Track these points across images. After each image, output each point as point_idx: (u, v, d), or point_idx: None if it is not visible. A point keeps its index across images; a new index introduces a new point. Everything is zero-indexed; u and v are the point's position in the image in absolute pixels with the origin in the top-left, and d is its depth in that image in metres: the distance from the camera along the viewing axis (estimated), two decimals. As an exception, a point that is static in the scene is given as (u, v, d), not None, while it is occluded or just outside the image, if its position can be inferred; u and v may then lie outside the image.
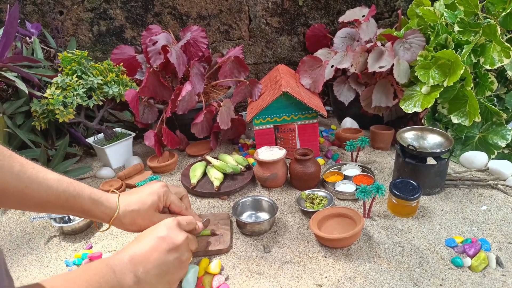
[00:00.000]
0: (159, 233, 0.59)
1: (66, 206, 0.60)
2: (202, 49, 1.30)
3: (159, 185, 0.71)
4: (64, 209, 0.61)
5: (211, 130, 1.28)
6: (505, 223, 0.85)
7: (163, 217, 0.68)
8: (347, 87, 1.31)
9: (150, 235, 0.59)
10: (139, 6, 1.55)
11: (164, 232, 0.59)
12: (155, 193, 0.69)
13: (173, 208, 0.73)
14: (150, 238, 0.58)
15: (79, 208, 0.62)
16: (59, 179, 0.60)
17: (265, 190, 1.07)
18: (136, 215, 0.66)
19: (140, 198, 0.68)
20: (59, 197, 0.59)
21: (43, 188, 0.57)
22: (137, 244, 0.57)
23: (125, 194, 0.68)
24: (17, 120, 1.17)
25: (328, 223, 0.86)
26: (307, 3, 1.55)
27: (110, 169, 1.22)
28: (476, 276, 0.72)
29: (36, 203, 0.58)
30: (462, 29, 1.09)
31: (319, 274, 0.74)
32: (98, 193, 0.64)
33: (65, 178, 0.61)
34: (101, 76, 1.19)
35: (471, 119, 1.06)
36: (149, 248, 0.56)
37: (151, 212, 0.67)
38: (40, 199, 0.57)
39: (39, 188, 0.57)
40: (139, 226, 0.67)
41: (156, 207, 0.68)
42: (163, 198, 0.70)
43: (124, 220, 0.65)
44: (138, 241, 0.58)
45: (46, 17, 1.55)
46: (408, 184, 0.90)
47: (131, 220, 0.66)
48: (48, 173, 0.59)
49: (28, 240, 0.93)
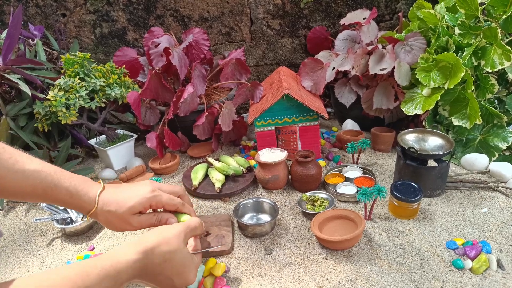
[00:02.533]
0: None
1: (44, 197, 0.59)
2: (204, 51, 1.30)
3: (147, 190, 0.66)
4: (43, 199, 0.60)
5: (213, 132, 1.29)
6: (506, 225, 0.85)
7: (142, 219, 0.66)
8: (348, 89, 1.31)
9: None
10: (141, 8, 1.56)
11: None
12: (138, 197, 0.65)
13: (167, 208, 0.70)
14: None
15: (57, 199, 0.60)
16: (37, 169, 0.58)
17: (266, 192, 1.07)
18: (111, 216, 0.63)
19: (120, 199, 0.64)
20: (36, 188, 0.57)
21: (20, 178, 0.56)
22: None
23: (110, 188, 0.66)
24: (20, 122, 1.18)
25: (329, 225, 0.86)
26: (308, 5, 1.56)
27: (112, 171, 1.22)
28: (477, 278, 0.72)
29: (14, 193, 0.57)
30: (463, 32, 1.09)
31: (320, 276, 0.75)
32: (79, 184, 0.62)
33: (46, 167, 0.59)
34: (104, 78, 1.19)
35: (472, 122, 1.06)
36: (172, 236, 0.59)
37: (127, 215, 0.64)
38: (17, 189, 0.56)
39: (15, 178, 0.55)
40: (115, 226, 0.65)
41: (135, 211, 0.65)
42: (148, 203, 0.66)
43: (99, 217, 0.64)
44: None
45: (49, 19, 1.56)
46: (409, 186, 0.90)
47: (106, 219, 0.64)
48: (27, 163, 0.57)
49: (31, 241, 0.94)
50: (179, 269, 0.59)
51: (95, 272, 0.50)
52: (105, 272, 0.50)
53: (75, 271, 0.49)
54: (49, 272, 0.48)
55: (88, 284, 0.48)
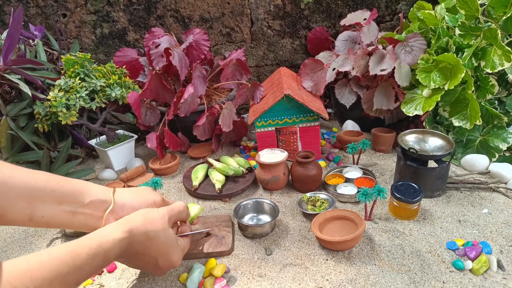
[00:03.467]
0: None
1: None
2: (204, 51, 1.30)
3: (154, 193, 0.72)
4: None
5: (213, 132, 1.29)
6: (506, 226, 0.85)
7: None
8: (348, 90, 1.31)
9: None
10: (142, 9, 1.56)
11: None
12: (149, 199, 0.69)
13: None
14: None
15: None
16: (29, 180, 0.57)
17: (267, 193, 1.07)
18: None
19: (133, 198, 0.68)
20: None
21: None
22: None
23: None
24: (20, 122, 1.18)
25: (330, 225, 0.86)
26: (308, 6, 1.56)
27: (112, 171, 1.22)
28: (477, 279, 0.72)
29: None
30: (463, 33, 1.09)
31: (320, 277, 0.75)
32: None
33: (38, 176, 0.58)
34: (104, 79, 1.19)
35: (472, 122, 1.06)
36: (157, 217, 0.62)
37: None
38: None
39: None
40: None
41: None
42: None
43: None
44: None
45: (49, 20, 1.56)
46: (409, 187, 0.90)
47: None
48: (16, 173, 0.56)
49: (31, 242, 0.94)
50: (163, 249, 0.61)
51: (85, 252, 0.51)
52: (94, 251, 0.52)
53: (65, 251, 0.49)
54: (40, 253, 0.48)
55: (78, 263, 0.49)
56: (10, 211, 0.54)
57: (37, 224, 0.58)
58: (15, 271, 0.44)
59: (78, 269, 0.49)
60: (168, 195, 1.10)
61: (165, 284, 0.75)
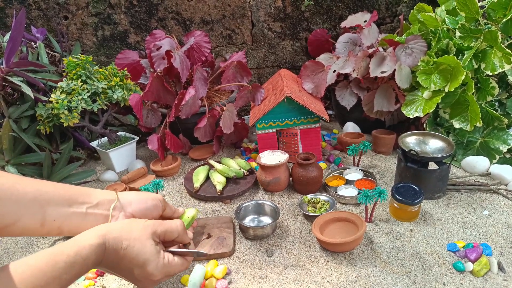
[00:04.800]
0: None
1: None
2: (205, 53, 1.31)
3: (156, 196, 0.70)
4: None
5: (214, 134, 1.29)
6: (506, 228, 0.86)
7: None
8: (349, 92, 1.32)
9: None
10: (143, 11, 1.56)
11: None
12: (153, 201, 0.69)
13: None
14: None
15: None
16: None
17: (268, 194, 1.07)
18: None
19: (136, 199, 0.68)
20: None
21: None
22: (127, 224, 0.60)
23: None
24: (22, 124, 1.18)
25: (330, 227, 0.87)
26: (309, 8, 1.56)
27: (113, 173, 1.23)
28: (478, 281, 0.72)
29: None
30: (463, 35, 1.10)
31: (321, 279, 0.75)
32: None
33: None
34: (106, 81, 1.20)
35: (473, 124, 1.06)
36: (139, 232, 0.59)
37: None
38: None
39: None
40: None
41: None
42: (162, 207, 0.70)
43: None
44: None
45: (51, 22, 1.56)
46: (410, 189, 0.90)
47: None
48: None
49: (33, 243, 0.94)
50: (136, 260, 0.58)
51: (63, 260, 0.50)
52: (72, 259, 0.51)
53: (44, 260, 0.48)
54: (19, 263, 0.47)
55: (57, 274, 0.48)
56: (23, 216, 0.54)
57: (49, 229, 0.57)
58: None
59: (57, 279, 0.48)
60: (169, 197, 1.10)
61: (166, 286, 0.76)
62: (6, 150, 1.12)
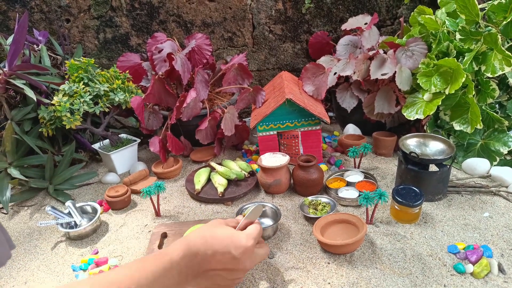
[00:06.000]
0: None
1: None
2: (206, 56, 1.32)
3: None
4: None
5: (215, 136, 1.30)
6: (507, 230, 0.86)
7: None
8: (349, 94, 1.32)
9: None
10: (145, 14, 1.57)
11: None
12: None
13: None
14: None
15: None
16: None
17: (269, 196, 1.08)
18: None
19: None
20: None
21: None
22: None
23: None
24: (25, 127, 1.19)
25: (331, 229, 0.87)
26: (310, 10, 1.57)
27: (115, 175, 1.23)
28: (478, 282, 0.72)
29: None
30: (464, 37, 1.10)
31: (322, 280, 0.75)
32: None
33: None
34: (108, 83, 1.21)
35: (473, 126, 1.07)
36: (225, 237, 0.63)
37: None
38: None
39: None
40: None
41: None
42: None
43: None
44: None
45: (53, 25, 1.57)
46: (410, 191, 0.91)
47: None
48: None
49: (35, 245, 0.95)
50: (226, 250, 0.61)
51: (149, 269, 0.54)
52: (160, 269, 0.55)
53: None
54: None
55: (144, 282, 0.52)
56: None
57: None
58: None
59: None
60: (170, 199, 1.11)
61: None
62: (9, 152, 1.13)
